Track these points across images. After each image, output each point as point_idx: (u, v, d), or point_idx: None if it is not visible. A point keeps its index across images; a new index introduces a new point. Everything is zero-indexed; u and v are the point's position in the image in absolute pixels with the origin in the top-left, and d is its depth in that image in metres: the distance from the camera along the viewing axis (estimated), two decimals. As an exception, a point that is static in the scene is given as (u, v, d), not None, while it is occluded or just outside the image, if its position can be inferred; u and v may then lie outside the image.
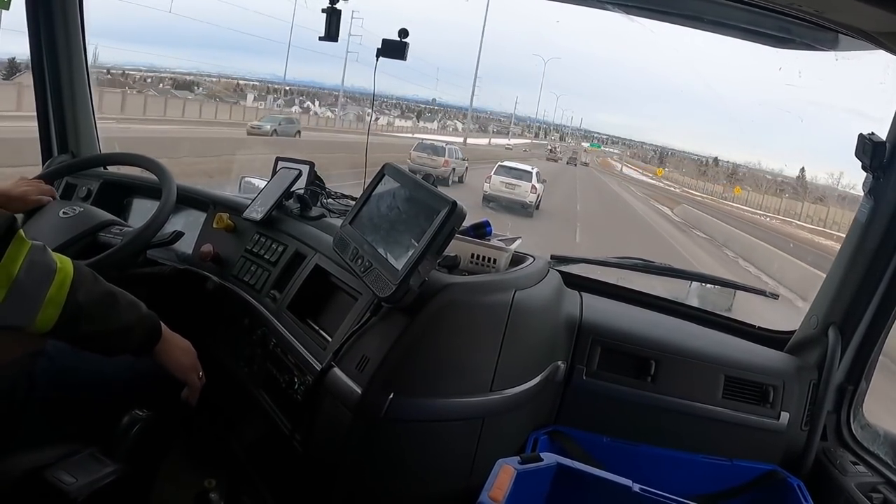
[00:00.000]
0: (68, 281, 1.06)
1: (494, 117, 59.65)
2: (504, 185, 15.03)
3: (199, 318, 1.59)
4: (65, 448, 1.18)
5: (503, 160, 17.55)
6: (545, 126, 70.71)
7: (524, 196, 14.99)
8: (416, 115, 45.67)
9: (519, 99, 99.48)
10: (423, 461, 1.30)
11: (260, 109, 28.52)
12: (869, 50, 1.39)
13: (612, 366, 1.56)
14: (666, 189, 39.06)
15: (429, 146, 18.06)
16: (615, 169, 52.53)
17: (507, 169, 15.56)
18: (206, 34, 27.67)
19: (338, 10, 1.74)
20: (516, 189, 15.00)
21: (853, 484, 1.48)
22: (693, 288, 1.95)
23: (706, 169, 49.37)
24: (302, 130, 22.89)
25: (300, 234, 1.65)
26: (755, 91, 65.96)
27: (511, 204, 14.62)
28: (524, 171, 15.58)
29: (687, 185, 44.54)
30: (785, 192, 35.03)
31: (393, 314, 1.27)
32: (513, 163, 16.47)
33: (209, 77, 31.48)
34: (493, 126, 58.81)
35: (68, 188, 2.04)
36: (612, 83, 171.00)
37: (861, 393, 1.63)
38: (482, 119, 58.30)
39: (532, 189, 15.17)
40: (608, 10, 1.68)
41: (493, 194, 14.88)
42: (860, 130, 1.46)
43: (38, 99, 2.14)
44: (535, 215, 15.13)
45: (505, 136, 55.30)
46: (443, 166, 16.86)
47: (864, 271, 1.52)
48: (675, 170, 53.77)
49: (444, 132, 44.80)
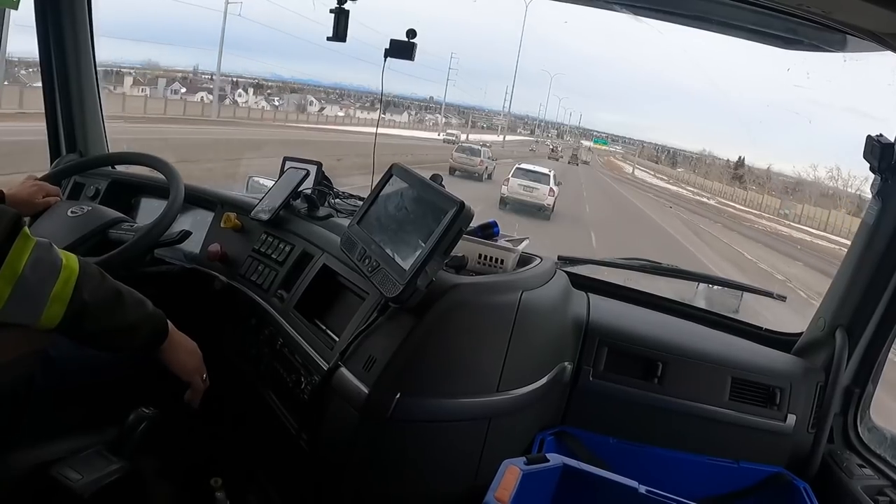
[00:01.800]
0: (74, 278, 1.06)
1: (479, 111, 58.88)
2: (522, 188, 14.95)
3: (207, 318, 1.60)
4: (70, 445, 1.19)
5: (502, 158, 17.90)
6: (542, 123, 70.54)
7: (542, 199, 14.93)
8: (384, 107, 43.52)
9: (515, 96, 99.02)
10: (430, 461, 1.30)
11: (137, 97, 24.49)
12: (877, 51, 1.38)
13: (619, 367, 1.56)
14: (700, 201, 31.66)
15: (468, 149, 20.83)
16: (625, 171, 49.32)
17: (525, 171, 15.50)
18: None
19: (346, 11, 1.74)
20: (534, 192, 14.92)
21: (859, 487, 1.47)
22: (700, 289, 1.94)
23: (734, 172, 42.10)
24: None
25: (308, 233, 1.66)
26: (763, 91, 65.74)
27: (528, 207, 14.53)
28: (542, 173, 15.53)
29: (718, 194, 36.95)
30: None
31: (400, 314, 1.27)
32: (530, 165, 16.40)
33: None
34: (481, 122, 58.03)
35: (76, 187, 2.05)
36: (611, 81, 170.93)
37: (868, 395, 1.62)
38: (468, 114, 57.65)
39: (550, 192, 15.11)
40: (615, 11, 1.68)
41: (510, 197, 14.81)
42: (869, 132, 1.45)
43: (46, 98, 2.16)
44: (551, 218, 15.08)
45: (493, 132, 54.11)
46: (478, 165, 19.53)
47: (871, 273, 1.52)
48: (689, 172, 49.96)
49: (420, 127, 42.41)
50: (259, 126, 26.98)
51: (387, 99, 40.68)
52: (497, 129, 55.94)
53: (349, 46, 1.74)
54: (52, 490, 1.11)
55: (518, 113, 70.10)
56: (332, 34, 1.77)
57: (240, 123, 25.96)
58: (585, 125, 79.43)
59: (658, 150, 56.66)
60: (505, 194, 14.99)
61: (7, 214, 1.01)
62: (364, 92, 42.28)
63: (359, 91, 43.16)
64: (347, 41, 1.75)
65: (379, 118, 19.97)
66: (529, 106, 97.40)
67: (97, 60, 2.17)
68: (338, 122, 36.52)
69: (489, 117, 60.41)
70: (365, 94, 42.01)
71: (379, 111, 24.14)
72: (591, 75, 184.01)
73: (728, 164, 45.43)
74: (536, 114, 72.06)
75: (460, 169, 18.93)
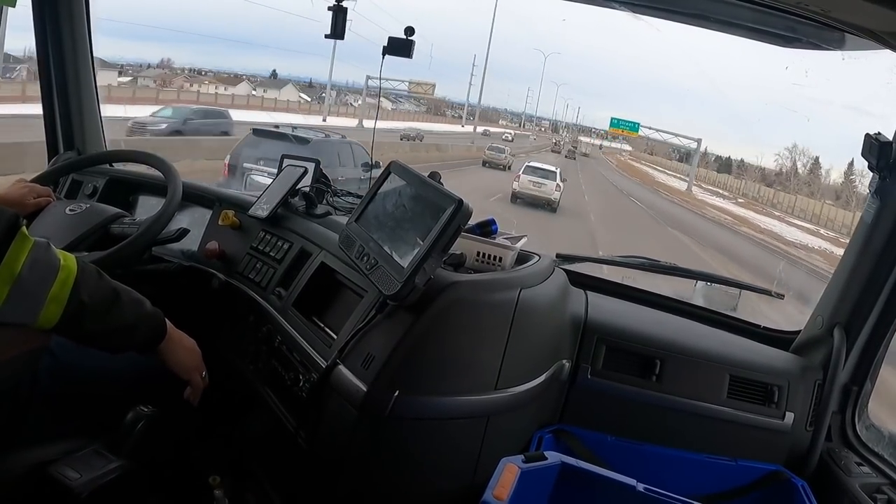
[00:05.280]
0: (72, 279, 1.06)
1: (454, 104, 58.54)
2: (532, 184, 16.33)
3: (205, 316, 1.60)
4: (69, 444, 1.18)
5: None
6: (534, 118, 70.57)
7: (550, 193, 16.34)
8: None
9: (513, 93, 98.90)
10: (428, 459, 1.30)
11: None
12: (875, 49, 1.38)
13: (617, 365, 1.56)
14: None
15: (496, 148, 27.33)
16: (669, 186, 34.38)
17: (534, 169, 17.08)
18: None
19: (343, 8, 1.74)
20: (542, 187, 16.34)
21: (857, 485, 1.47)
22: (698, 287, 1.95)
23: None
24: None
25: (306, 231, 1.66)
26: (761, 90, 65.48)
27: (537, 201, 15.96)
28: (549, 170, 17.08)
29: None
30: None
31: (398, 312, 1.27)
32: (539, 163, 18.05)
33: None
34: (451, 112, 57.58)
35: (74, 185, 2.05)
36: (609, 79, 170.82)
37: (866, 394, 1.63)
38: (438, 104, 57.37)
39: (557, 187, 16.54)
40: (614, 9, 1.68)
41: (521, 192, 16.14)
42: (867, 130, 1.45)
43: (43, 96, 2.15)
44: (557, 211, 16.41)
45: (459, 123, 53.08)
46: (503, 160, 25.43)
47: (869, 272, 1.52)
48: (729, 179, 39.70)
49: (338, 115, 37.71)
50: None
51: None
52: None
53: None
54: (51, 489, 1.11)
55: (495, 106, 70.11)
56: (330, 32, 1.76)
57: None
58: (582, 122, 78.93)
59: (673, 150, 47.55)
60: (516, 189, 16.28)
61: (5, 215, 1.00)
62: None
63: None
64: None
65: (377, 117, 20.79)
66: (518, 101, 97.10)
67: (92, 57, 2.16)
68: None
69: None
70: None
71: (377, 109, 25.02)
72: (590, 71, 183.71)
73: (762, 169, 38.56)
74: (536, 108, 71.96)
75: (490, 162, 25.43)
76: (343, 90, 42.50)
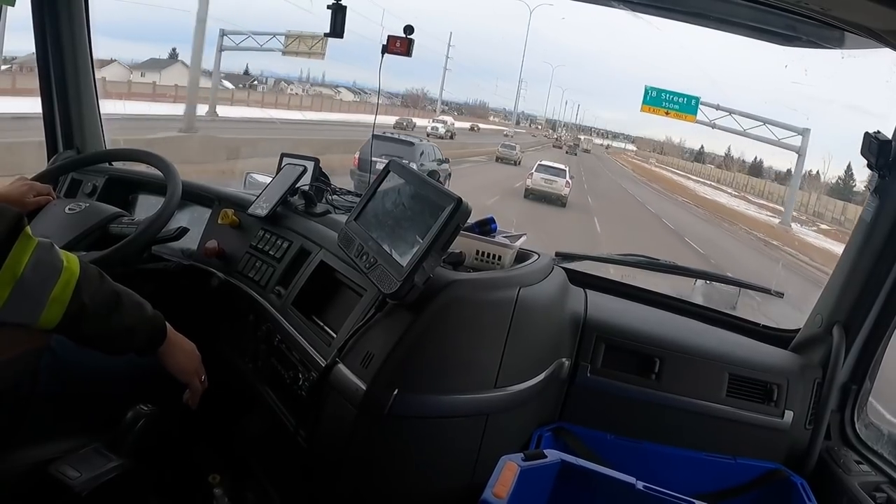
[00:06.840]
0: (73, 280, 1.06)
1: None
2: (544, 181, 18.06)
3: (204, 315, 1.60)
4: (69, 443, 1.19)
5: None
6: (529, 116, 70.87)
7: (560, 190, 18.04)
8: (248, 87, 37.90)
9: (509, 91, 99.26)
10: (427, 457, 1.30)
11: None
12: (875, 48, 1.38)
13: (617, 363, 1.56)
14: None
15: (508, 145, 29.55)
16: (747, 217, 24.77)
17: (546, 167, 18.69)
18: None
19: (343, 7, 1.74)
20: (553, 184, 18.01)
21: (856, 483, 1.47)
22: (698, 286, 1.95)
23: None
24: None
25: (305, 230, 1.66)
26: (761, 90, 65.40)
27: (548, 197, 17.73)
28: (560, 169, 18.83)
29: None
30: None
31: (397, 311, 1.27)
32: (550, 162, 19.65)
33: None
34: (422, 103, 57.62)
35: (73, 184, 2.05)
36: (607, 77, 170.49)
37: (865, 392, 1.62)
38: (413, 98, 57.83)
39: (566, 184, 18.25)
40: (614, 7, 1.67)
41: (534, 188, 17.90)
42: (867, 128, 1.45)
43: (43, 95, 2.14)
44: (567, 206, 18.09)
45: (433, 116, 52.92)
46: (514, 156, 27.87)
47: (868, 270, 1.52)
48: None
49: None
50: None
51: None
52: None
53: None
54: (51, 488, 1.11)
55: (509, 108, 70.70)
56: (329, 30, 1.76)
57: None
58: (582, 122, 79.07)
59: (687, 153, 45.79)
60: (529, 186, 18.01)
61: (8, 214, 1.00)
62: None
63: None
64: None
65: (376, 115, 20.83)
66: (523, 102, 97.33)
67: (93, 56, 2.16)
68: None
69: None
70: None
71: (376, 107, 25.24)
72: (588, 70, 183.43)
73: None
74: (516, 106, 72.25)
75: (502, 158, 27.80)
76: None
